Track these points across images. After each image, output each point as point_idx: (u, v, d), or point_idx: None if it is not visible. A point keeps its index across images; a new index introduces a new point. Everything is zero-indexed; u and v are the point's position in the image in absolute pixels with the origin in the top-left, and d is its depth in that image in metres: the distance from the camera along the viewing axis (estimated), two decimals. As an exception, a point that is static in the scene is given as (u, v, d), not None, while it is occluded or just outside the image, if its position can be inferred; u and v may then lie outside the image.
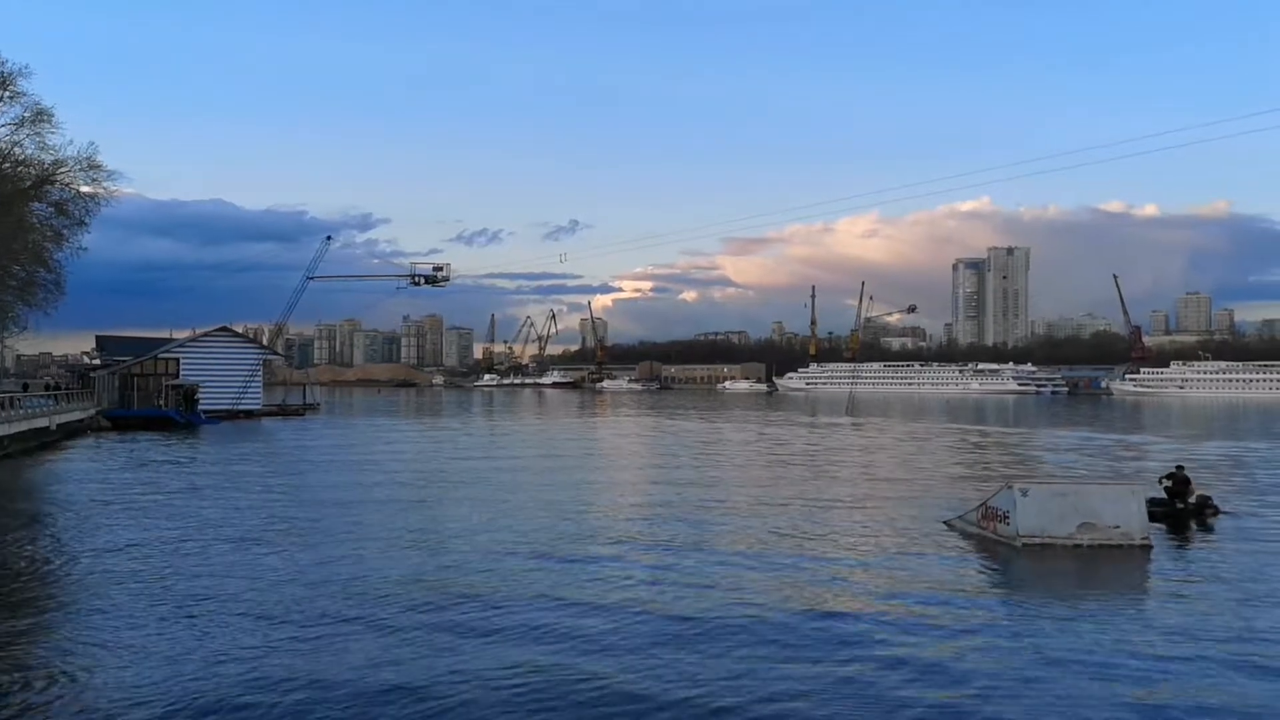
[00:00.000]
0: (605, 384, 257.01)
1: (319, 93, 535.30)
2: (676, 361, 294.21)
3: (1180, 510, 21.77)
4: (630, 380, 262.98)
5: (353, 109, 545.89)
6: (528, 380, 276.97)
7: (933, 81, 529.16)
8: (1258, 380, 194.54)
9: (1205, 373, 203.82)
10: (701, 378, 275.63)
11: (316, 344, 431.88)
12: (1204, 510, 22.07)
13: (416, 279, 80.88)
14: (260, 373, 73.80)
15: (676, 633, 12.29)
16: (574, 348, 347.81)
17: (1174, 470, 23.11)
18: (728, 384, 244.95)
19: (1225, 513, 22.42)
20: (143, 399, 63.39)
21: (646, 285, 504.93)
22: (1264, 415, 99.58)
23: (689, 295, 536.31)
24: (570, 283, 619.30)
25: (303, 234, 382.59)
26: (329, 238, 78.91)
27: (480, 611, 13.14)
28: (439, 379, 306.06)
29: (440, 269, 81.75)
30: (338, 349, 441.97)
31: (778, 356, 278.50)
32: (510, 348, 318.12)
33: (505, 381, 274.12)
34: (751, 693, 10.06)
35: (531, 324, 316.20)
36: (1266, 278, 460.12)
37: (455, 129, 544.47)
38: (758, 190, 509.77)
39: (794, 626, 12.65)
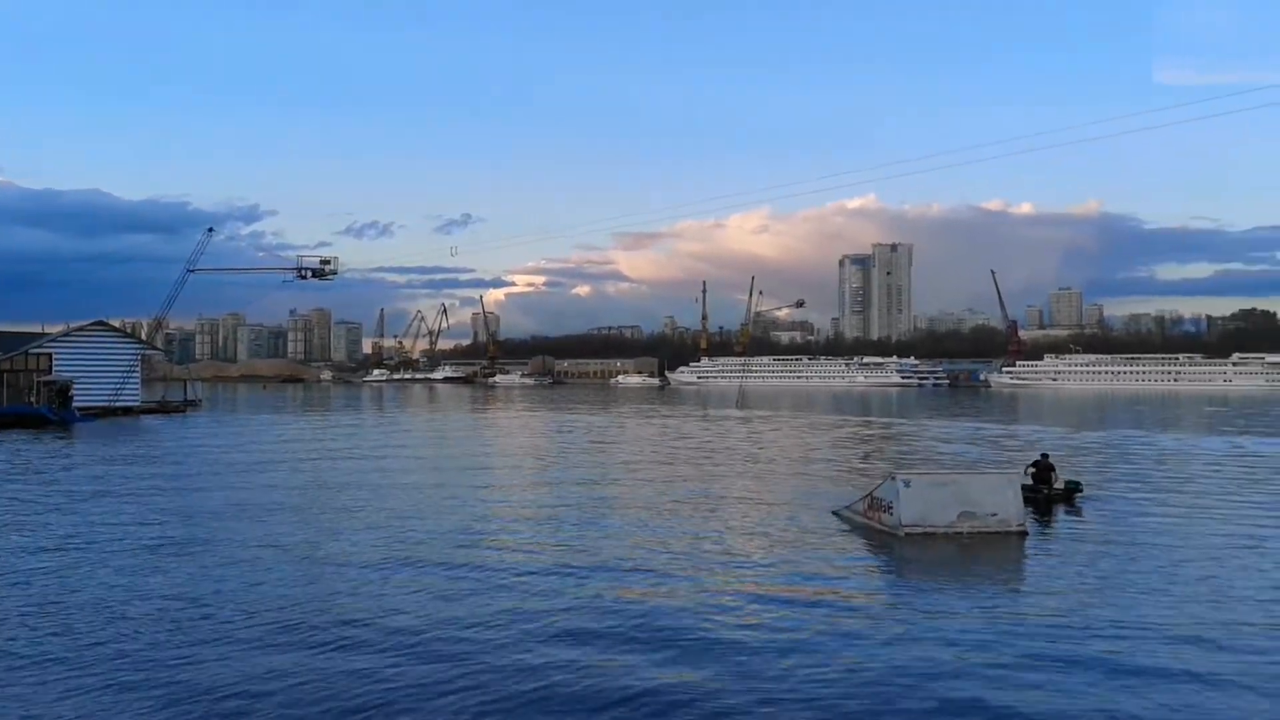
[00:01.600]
0: (498, 379, 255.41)
1: (203, 79, 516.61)
2: (570, 356, 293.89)
3: (1046, 496, 22.82)
4: (523, 375, 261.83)
5: (239, 97, 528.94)
6: (418, 375, 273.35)
7: (823, 81, 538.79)
8: (1124, 372, 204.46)
9: (1076, 365, 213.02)
10: (595, 372, 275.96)
11: (199, 339, 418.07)
12: (1070, 495, 23.28)
13: (303, 272, 79.04)
14: (139, 368, 71.23)
15: (563, 629, 12.26)
16: (466, 342, 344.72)
17: (1039, 459, 24.35)
18: (620, 378, 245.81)
19: (1087, 496, 23.62)
20: (13, 396, 60.73)
21: (539, 279, 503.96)
22: (1130, 405, 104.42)
23: (582, 289, 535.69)
24: (462, 276, 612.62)
25: (185, 225, 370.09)
26: (211, 229, 76.50)
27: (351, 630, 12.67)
28: (327, 374, 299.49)
29: (328, 262, 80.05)
30: (221, 344, 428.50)
31: (670, 351, 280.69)
32: (400, 342, 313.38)
33: (395, 377, 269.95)
34: (639, 677, 10.17)
35: (422, 318, 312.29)
36: (1133, 274, 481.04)
37: (345, 120, 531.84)
38: (651, 185, 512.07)
39: (683, 615, 12.76)
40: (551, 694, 9.86)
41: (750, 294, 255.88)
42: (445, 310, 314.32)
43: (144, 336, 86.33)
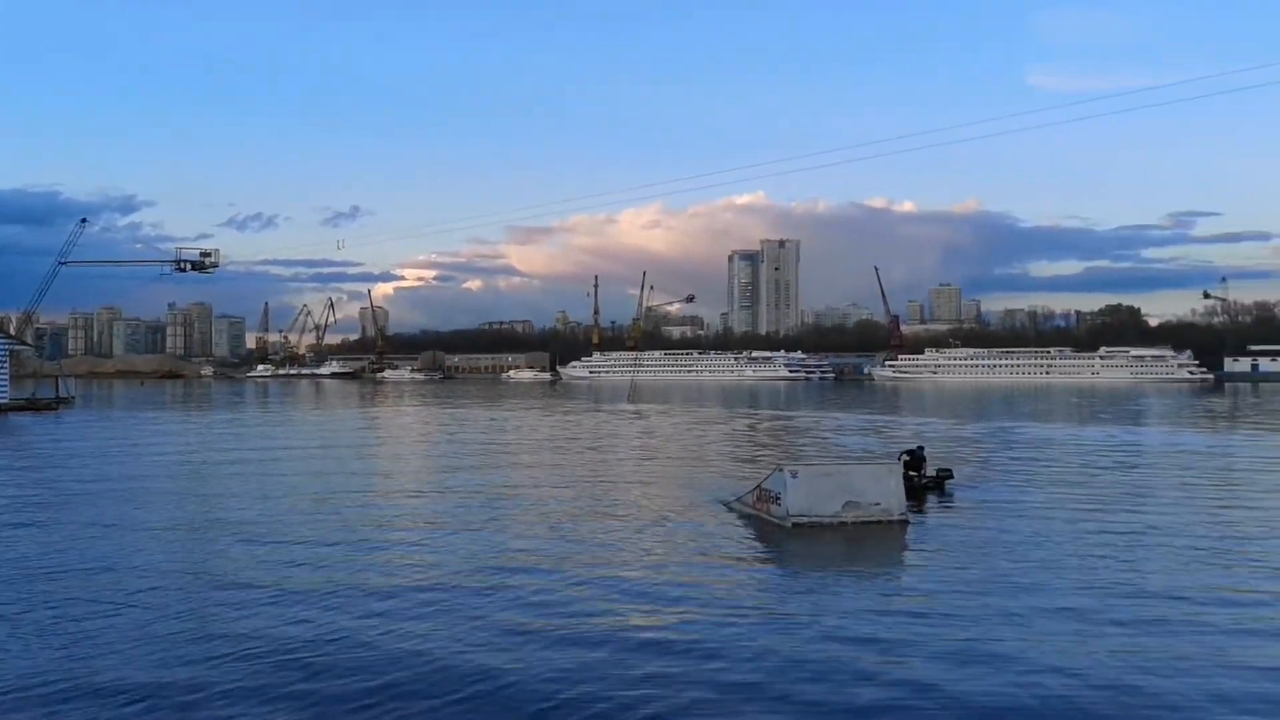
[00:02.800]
0: (386, 374, 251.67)
1: (76, 62, 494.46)
2: (460, 351, 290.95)
3: (919, 484, 23.75)
4: (412, 370, 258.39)
5: (114, 83, 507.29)
6: (304, 371, 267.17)
7: (714, 79, 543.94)
8: (1000, 365, 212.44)
9: (955, 359, 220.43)
10: (486, 367, 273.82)
11: (72, 334, 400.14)
12: (941, 483, 24.31)
13: (183, 265, 77.06)
14: (7, 364, 68.27)
15: (431, 627, 12.19)
16: (354, 337, 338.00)
17: (914, 449, 25.38)
18: (512, 373, 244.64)
19: (958, 484, 24.60)
20: None
21: (430, 273, 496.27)
22: (1005, 397, 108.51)
23: (473, 284, 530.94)
24: (350, 270, 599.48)
25: (56, 216, 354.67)
26: (85, 220, 74.38)
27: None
28: (208, 370, 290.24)
29: (209, 254, 78.29)
30: (95, 339, 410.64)
31: (562, 346, 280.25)
32: (286, 337, 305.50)
33: (280, 372, 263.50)
34: (530, 675, 10.25)
35: (308, 312, 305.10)
36: (1009, 271, 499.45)
37: (227, 108, 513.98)
38: (543, 180, 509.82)
39: (575, 610, 12.86)
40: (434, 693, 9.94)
41: (642, 289, 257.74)
42: (332, 304, 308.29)
43: (12, 331, 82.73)
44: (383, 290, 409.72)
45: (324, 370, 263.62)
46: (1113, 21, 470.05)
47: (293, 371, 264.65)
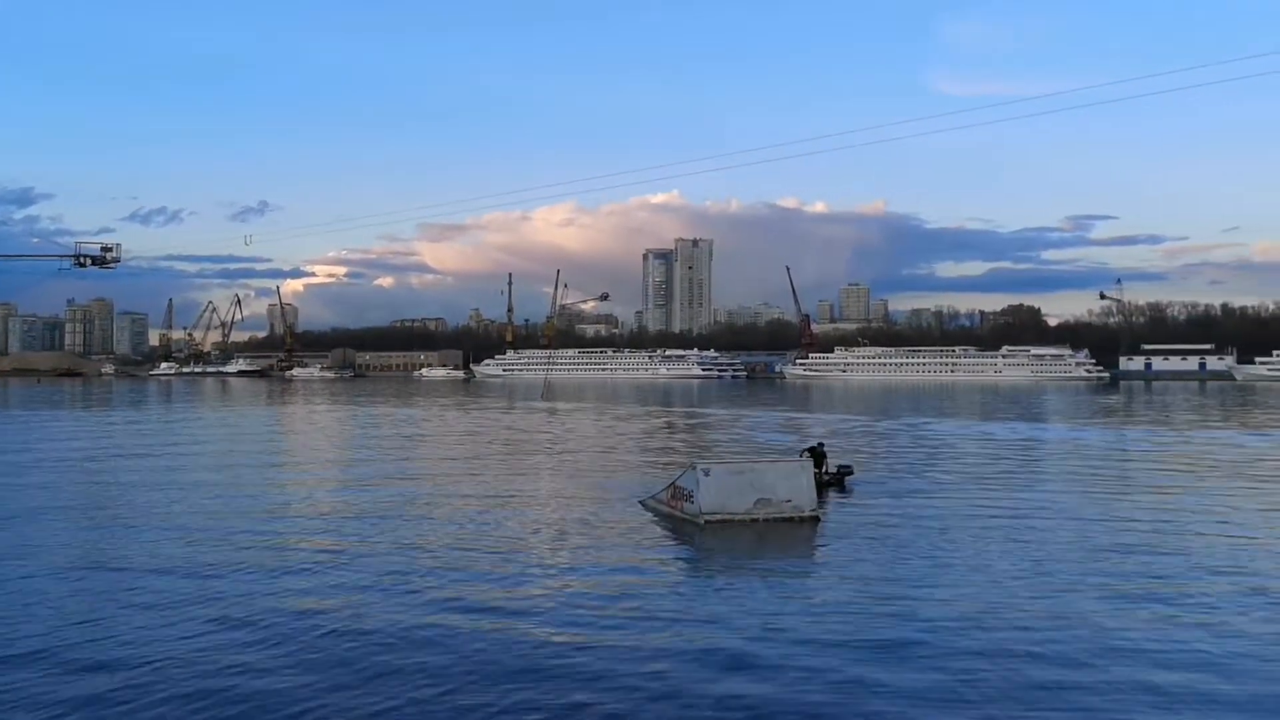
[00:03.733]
0: (295, 372, 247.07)
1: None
2: (372, 349, 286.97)
3: (821, 480, 24.24)
4: (322, 368, 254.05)
5: (6, 70, 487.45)
6: (210, 369, 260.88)
7: (628, 77, 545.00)
8: (907, 364, 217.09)
9: (864, 357, 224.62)
10: (398, 365, 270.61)
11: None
12: (841, 479, 24.96)
13: (82, 260, 74.08)
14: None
15: (332, 628, 12.09)
16: (261, 335, 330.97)
17: (814, 445, 25.97)
18: (425, 371, 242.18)
19: (858, 479, 25.26)
20: None
21: (341, 270, 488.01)
22: (912, 394, 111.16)
23: (385, 281, 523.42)
24: (258, 266, 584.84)
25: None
26: (-25, 213, 70.95)
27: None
28: (109, 368, 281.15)
29: (109, 249, 75.28)
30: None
31: (475, 343, 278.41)
32: (190, 334, 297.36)
33: (185, 370, 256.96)
34: (435, 674, 10.29)
35: (214, 309, 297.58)
36: (916, 271, 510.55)
37: (130, 99, 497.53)
38: (457, 176, 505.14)
39: (489, 608, 12.90)
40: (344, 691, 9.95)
41: (556, 287, 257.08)
42: (239, 301, 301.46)
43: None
44: (292, 287, 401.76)
45: (230, 368, 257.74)
46: (1015, 29, 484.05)
47: (197, 370, 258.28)
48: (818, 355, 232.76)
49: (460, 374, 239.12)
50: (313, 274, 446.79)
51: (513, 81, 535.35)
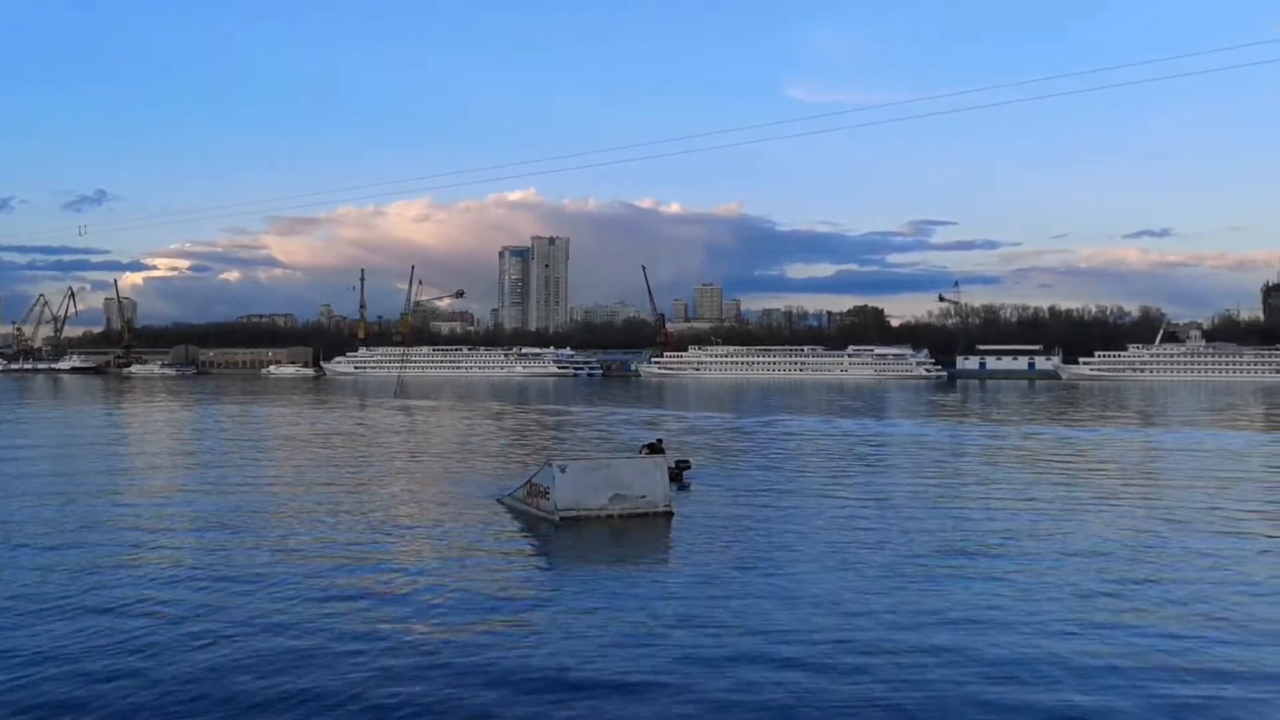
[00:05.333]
0: (134, 369, 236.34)
1: None
2: (216, 345, 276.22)
3: None
4: (163, 365, 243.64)
5: None
6: (40, 365, 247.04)
7: (485, 71, 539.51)
8: (758, 362, 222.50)
9: (717, 356, 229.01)
10: (244, 362, 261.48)
11: None
12: (679, 473, 25.63)
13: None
14: None
15: (191, 632, 11.88)
16: (97, 330, 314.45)
17: (654, 442, 26.60)
18: (272, 368, 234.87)
19: (693, 473, 25.79)
20: None
21: (184, 263, 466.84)
22: (763, 392, 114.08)
23: (231, 275, 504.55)
24: (94, 258, 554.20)
25: None
26: None
27: None
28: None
29: (-74, 238, 70.81)
30: None
31: (326, 341, 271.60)
32: (19, 329, 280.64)
33: (13, 367, 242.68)
34: (290, 676, 10.24)
35: (46, 303, 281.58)
36: (767, 271, 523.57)
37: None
38: (308, 169, 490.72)
39: (343, 610, 12.83)
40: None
41: (410, 283, 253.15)
42: (73, 295, 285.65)
43: None
44: (131, 280, 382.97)
45: (63, 365, 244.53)
46: (865, 40, 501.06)
47: (27, 366, 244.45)
48: (673, 354, 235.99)
49: (310, 371, 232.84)
50: (153, 267, 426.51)
51: (366, 73, 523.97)
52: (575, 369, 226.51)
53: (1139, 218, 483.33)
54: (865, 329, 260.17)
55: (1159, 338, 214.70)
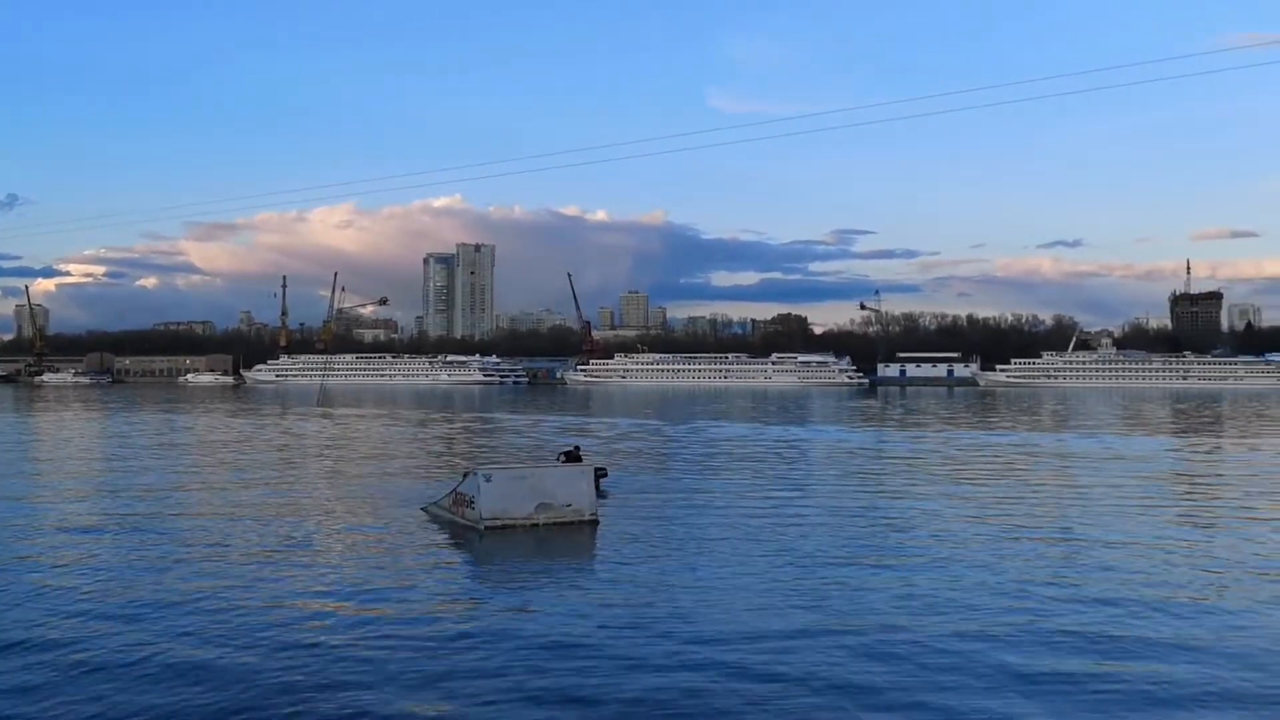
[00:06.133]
0: (46, 377, 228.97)
1: None
2: (133, 353, 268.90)
3: None
4: (76, 373, 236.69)
5: None
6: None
7: (410, 76, 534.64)
8: (684, 370, 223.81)
9: (643, 363, 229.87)
10: (161, 370, 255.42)
11: None
12: (596, 481, 25.77)
13: None
14: None
15: (115, 646, 11.80)
16: (8, 337, 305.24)
17: (570, 449, 26.74)
18: (191, 377, 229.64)
19: (609, 480, 25.74)
20: None
21: (99, 270, 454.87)
22: (688, 399, 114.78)
23: (148, 281, 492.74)
24: (5, 264, 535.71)
25: None
26: None
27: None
28: None
29: None
30: None
31: (247, 348, 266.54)
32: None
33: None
34: (209, 686, 10.23)
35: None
36: (692, 279, 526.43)
37: None
38: (227, 173, 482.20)
39: (264, 621, 12.74)
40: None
41: (333, 290, 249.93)
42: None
43: None
44: (44, 286, 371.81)
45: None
46: (789, 51, 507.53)
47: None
48: (599, 361, 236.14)
49: (229, 379, 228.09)
50: (67, 273, 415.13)
51: (288, 76, 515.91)
52: (501, 377, 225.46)
53: (1052, 229, 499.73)
54: (789, 337, 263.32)
55: (1072, 345, 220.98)
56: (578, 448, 27.06)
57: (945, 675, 10.59)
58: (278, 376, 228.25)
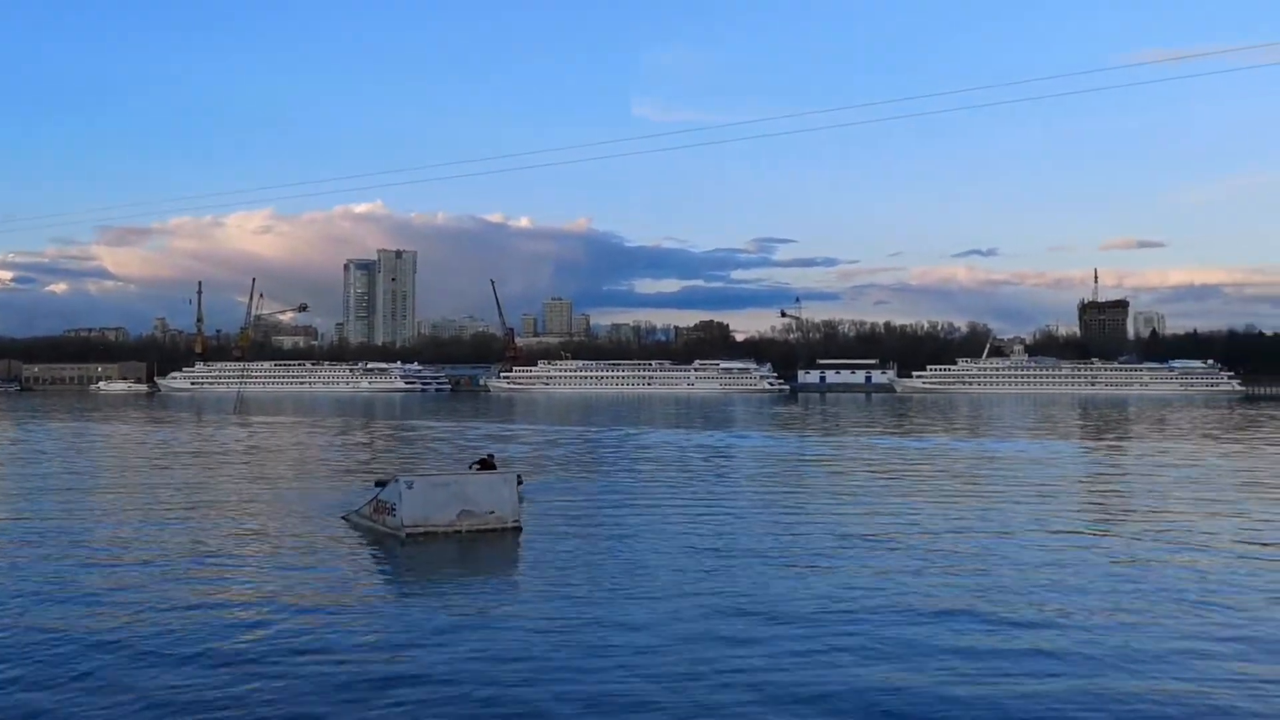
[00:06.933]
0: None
1: None
2: (41, 360, 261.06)
3: None
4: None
5: None
6: None
7: (330, 81, 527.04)
8: (608, 376, 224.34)
9: (566, 370, 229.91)
10: (71, 378, 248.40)
11: None
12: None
13: None
14: None
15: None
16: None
17: (485, 457, 26.66)
18: (102, 384, 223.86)
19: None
20: None
21: (6, 275, 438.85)
22: (612, 406, 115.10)
23: (58, 287, 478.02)
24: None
25: None
26: None
27: None
28: None
29: None
30: None
31: (161, 355, 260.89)
32: None
33: None
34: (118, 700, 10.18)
35: None
36: (616, 287, 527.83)
37: None
38: (141, 177, 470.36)
39: (180, 633, 12.61)
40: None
41: (251, 296, 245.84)
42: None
43: None
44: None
45: None
46: (709, 62, 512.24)
47: None
48: (522, 368, 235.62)
49: (143, 387, 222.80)
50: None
51: (205, 80, 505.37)
52: (423, 384, 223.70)
53: (967, 238, 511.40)
54: (711, 344, 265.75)
55: (985, 352, 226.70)
56: (491, 455, 27.02)
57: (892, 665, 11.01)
58: (193, 384, 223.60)
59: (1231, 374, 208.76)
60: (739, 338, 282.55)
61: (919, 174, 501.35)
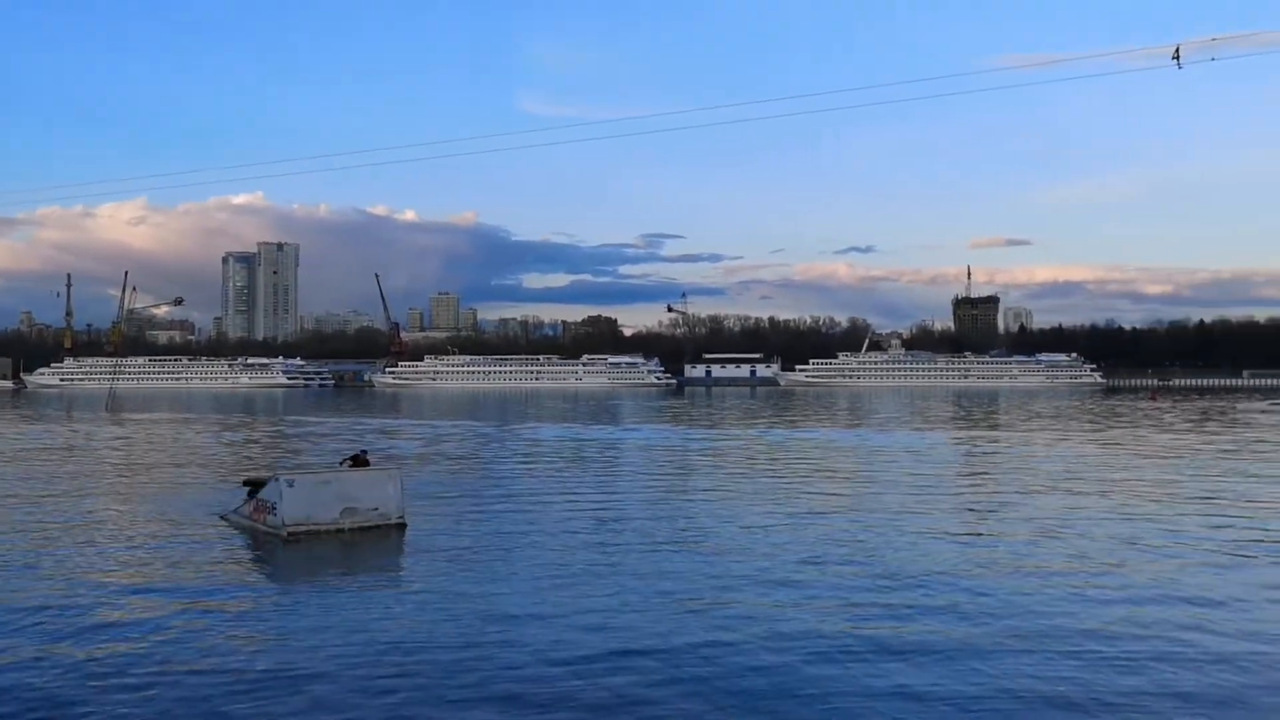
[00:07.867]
0: None
1: None
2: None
3: None
4: None
5: None
6: None
7: (206, 67, 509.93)
8: (495, 372, 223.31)
9: (454, 366, 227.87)
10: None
11: None
12: None
13: None
14: None
15: None
16: None
17: (357, 454, 26.55)
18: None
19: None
20: None
21: None
22: (499, 401, 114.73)
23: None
24: None
25: None
26: None
27: None
28: None
29: None
30: None
31: (27, 351, 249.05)
32: None
33: None
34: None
35: None
36: (504, 281, 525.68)
37: None
38: (6, 166, 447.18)
39: (40, 630, 12.46)
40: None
41: (124, 290, 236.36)
42: None
43: None
44: None
45: None
46: (595, 58, 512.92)
47: None
48: (408, 364, 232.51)
49: (8, 383, 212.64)
50: None
51: (76, 67, 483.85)
52: (305, 380, 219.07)
53: (847, 235, 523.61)
54: (599, 338, 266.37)
55: (865, 346, 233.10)
56: (365, 451, 26.78)
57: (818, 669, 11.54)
58: (62, 380, 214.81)
59: (1094, 367, 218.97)
60: (627, 332, 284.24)
61: (801, 172, 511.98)
